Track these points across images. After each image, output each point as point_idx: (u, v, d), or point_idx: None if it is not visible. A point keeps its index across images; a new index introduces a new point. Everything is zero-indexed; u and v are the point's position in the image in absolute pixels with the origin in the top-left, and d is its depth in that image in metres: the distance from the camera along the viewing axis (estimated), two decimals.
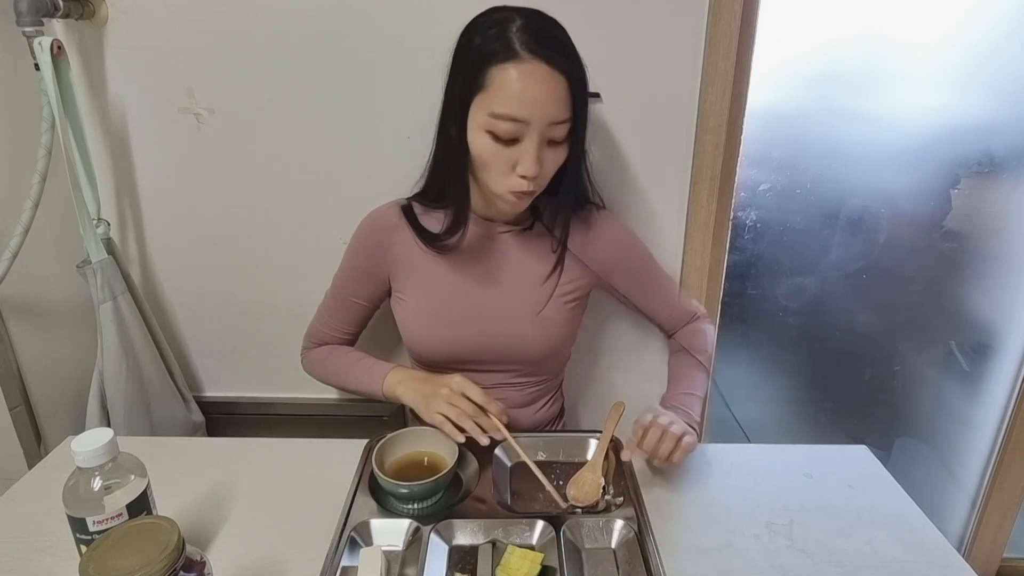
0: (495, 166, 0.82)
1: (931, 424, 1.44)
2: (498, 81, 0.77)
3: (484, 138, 0.81)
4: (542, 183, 0.85)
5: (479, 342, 0.96)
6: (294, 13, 1.04)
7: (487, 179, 0.84)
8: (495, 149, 0.80)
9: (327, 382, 1.06)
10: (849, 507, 0.83)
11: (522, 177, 0.81)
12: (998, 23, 1.13)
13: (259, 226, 1.18)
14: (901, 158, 1.21)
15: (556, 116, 0.79)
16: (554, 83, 0.77)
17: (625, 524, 0.77)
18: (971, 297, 1.32)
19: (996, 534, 1.48)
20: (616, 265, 1.01)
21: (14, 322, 1.06)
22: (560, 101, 0.79)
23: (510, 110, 0.77)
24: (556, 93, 0.78)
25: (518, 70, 0.76)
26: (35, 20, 0.96)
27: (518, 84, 0.76)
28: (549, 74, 0.77)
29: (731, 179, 1.14)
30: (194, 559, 0.59)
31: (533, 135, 0.79)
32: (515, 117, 0.77)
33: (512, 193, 0.84)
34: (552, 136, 0.81)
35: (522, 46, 0.76)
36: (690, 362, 1.04)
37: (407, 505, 0.80)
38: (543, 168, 0.82)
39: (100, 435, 0.65)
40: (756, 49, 1.07)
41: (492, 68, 0.77)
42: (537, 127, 0.78)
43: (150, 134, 1.13)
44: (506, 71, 0.77)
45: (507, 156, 0.81)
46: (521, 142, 0.80)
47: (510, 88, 0.77)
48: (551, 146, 0.82)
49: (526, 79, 0.76)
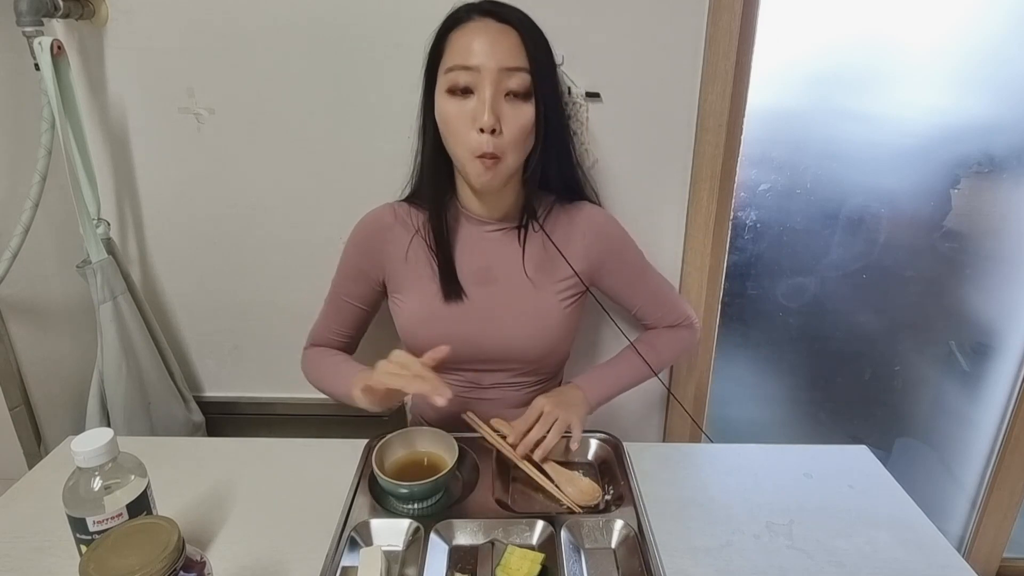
0: (456, 126, 0.83)
1: (931, 424, 1.44)
2: (453, 41, 0.84)
3: (446, 101, 0.84)
4: (507, 146, 0.83)
5: (477, 342, 0.96)
6: (294, 14, 1.04)
7: (453, 145, 0.86)
8: (455, 106, 0.83)
9: (315, 385, 1.01)
10: (849, 507, 0.83)
11: (481, 131, 0.81)
12: (998, 23, 1.13)
13: (259, 226, 1.18)
14: (901, 158, 1.21)
15: (506, 61, 0.81)
16: (503, 32, 0.82)
17: (625, 524, 0.77)
18: (971, 297, 1.32)
19: (996, 534, 1.48)
20: (603, 260, 0.99)
21: (14, 322, 1.06)
22: (509, 48, 0.81)
23: (461, 60, 0.81)
24: (504, 41, 0.82)
25: (468, 27, 0.83)
26: (35, 20, 0.96)
27: (467, 36, 0.82)
28: (497, 27, 0.82)
29: (731, 179, 1.14)
30: (194, 559, 0.59)
31: (486, 82, 0.81)
32: (466, 65, 0.81)
33: (478, 159, 0.83)
34: (510, 86, 0.82)
35: (474, 11, 0.84)
36: (641, 349, 1.04)
37: (407, 505, 0.80)
38: (503, 124, 0.82)
39: (100, 435, 0.65)
40: (756, 49, 1.07)
41: (450, 34, 0.84)
42: (489, 74, 0.80)
43: (150, 134, 1.13)
44: (459, 31, 0.83)
45: (466, 112, 0.82)
46: (476, 93, 0.82)
47: (460, 42, 0.82)
48: (511, 101, 0.83)
49: (475, 31, 0.82)
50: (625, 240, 1.02)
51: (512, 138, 0.83)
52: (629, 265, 1.03)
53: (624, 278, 1.03)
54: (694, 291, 1.21)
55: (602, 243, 0.99)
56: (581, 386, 0.98)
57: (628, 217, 1.09)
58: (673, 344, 1.07)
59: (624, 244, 1.02)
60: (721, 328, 1.28)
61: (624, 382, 1.03)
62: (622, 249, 1.02)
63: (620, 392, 1.02)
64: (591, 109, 1.08)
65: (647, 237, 1.17)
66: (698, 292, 1.21)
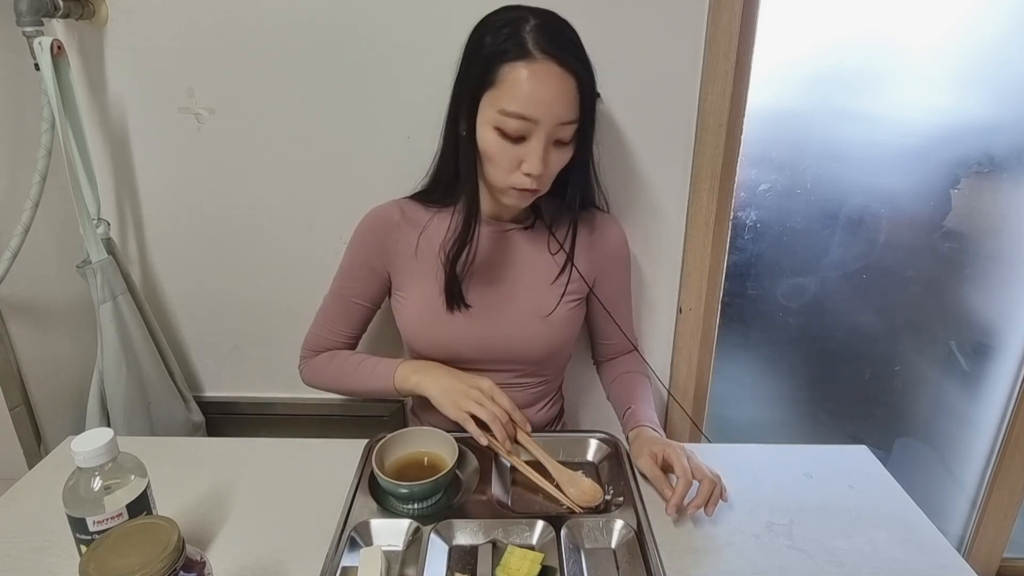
0: (500, 162, 0.82)
1: (931, 424, 1.44)
2: (509, 79, 0.78)
3: (492, 134, 0.81)
4: (546, 183, 0.85)
5: (482, 342, 0.96)
6: (294, 13, 1.04)
7: (491, 173, 0.85)
8: (502, 146, 0.81)
9: (331, 388, 1.03)
10: (849, 507, 0.83)
11: (527, 175, 0.82)
12: (998, 23, 1.13)
13: (259, 226, 1.18)
14: (901, 158, 1.21)
15: (564, 117, 0.80)
16: (564, 84, 0.78)
17: (625, 524, 0.77)
18: (971, 297, 1.32)
19: (996, 534, 1.47)
20: (606, 271, 1.01)
21: (14, 322, 1.06)
22: (569, 102, 0.79)
23: (520, 108, 0.78)
24: (566, 94, 0.79)
25: (530, 69, 0.77)
26: (35, 20, 0.96)
27: (529, 83, 0.77)
28: (560, 75, 0.78)
29: (731, 179, 1.14)
30: (194, 559, 0.59)
31: (541, 134, 0.79)
32: (524, 116, 0.78)
33: (515, 189, 0.84)
34: (559, 136, 0.81)
35: (535, 46, 0.77)
36: (644, 381, 1.05)
37: (407, 505, 0.80)
38: (548, 168, 0.82)
39: (100, 435, 0.65)
40: (756, 49, 1.07)
41: (504, 66, 0.78)
42: (545, 127, 0.79)
43: (150, 134, 1.13)
44: (517, 69, 0.77)
45: (513, 153, 0.81)
46: (528, 140, 0.80)
47: (521, 87, 0.77)
48: (557, 146, 0.83)
49: (537, 78, 0.77)
50: (628, 262, 1.05)
51: (551, 175, 0.85)
52: (620, 284, 1.05)
53: (614, 295, 1.04)
54: (694, 291, 1.21)
55: (610, 258, 1.01)
56: (655, 427, 0.93)
57: (628, 217, 1.09)
58: (645, 367, 1.10)
59: (626, 265, 1.05)
60: (721, 328, 1.28)
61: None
62: (622, 270, 1.04)
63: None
64: None
65: (647, 237, 1.17)
66: (698, 292, 1.21)
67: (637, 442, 0.88)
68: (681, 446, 0.83)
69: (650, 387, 1.04)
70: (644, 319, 1.24)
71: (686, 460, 0.80)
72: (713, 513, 0.79)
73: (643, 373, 1.07)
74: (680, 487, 0.78)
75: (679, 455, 0.81)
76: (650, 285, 1.23)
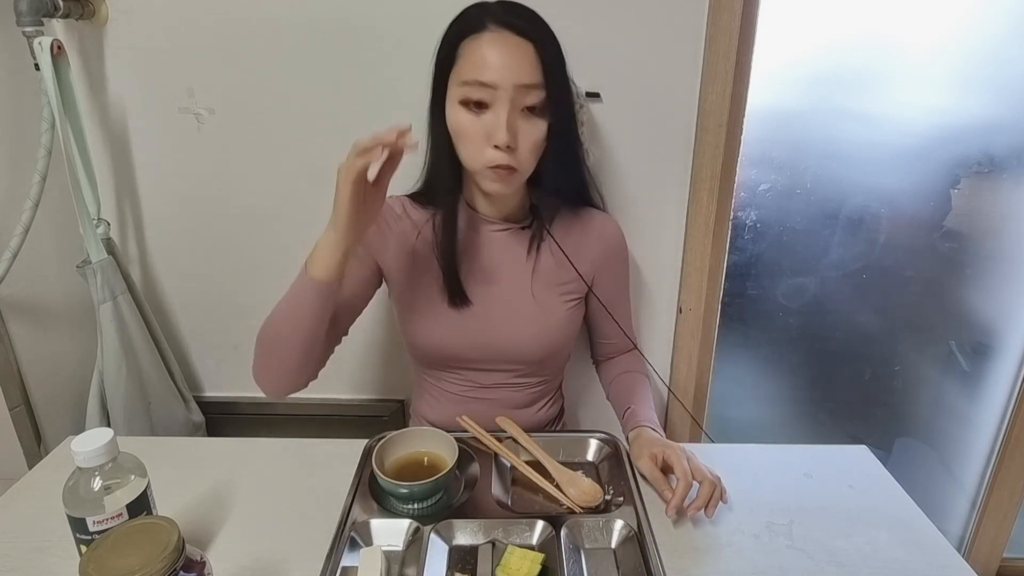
0: (470, 139, 0.83)
1: (931, 424, 1.44)
2: (467, 52, 0.81)
3: (458, 110, 0.83)
4: (523, 160, 0.84)
5: (481, 342, 0.96)
6: (294, 13, 1.04)
7: (465, 156, 0.85)
8: (469, 119, 0.82)
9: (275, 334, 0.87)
10: (849, 507, 0.83)
11: (496, 148, 0.81)
12: (998, 23, 1.13)
13: (259, 226, 1.18)
14: (901, 158, 1.21)
15: (523, 79, 0.80)
16: (521, 48, 0.80)
17: (625, 524, 0.77)
18: (971, 297, 1.32)
19: (996, 534, 1.48)
20: (604, 270, 1.01)
21: (14, 322, 1.06)
22: (527, 65, 0.80)
23: (478, 75, 0.80)
24: (522, 56, 0.80)
25: (485, 38, 0.80)
26: (35, 20, 0.96)
27: (484, 50, 0.80)
28: (515, 40, 0.80)
29: (731, 179, 1.14)
30: (194, 559, 0.59)
31: (503, 100, 0.80)
32: (482, 81, 0.79)
33: (490, 169, 0.83)
34: (525, 103, 0.81)
35: (491, 19, 0.81)
36: (644, 381, 1.04)
37: (407, 505, 0.80)
38: (518, 139, 0.82)
39: (100, 435, 0.65)
40: (756, 49, 1.07)
41: (463, 43, 0.82)
42: (506, 91, 0.79)
43: (150, 134, 1.13)
44: (474, 41, 0.81)
45: (481, 127, 0.82)
46: (492, 108, 0.81)
47: (477, 54, 0.80)
48: (527, 116, 0.82)
49: (491, 44, 0.80)
50: (627, 259, 1.05)
51: (526, 151, 0.84)
52: (618, 283, 1.05)
53: (612, 294, 1.04)
54: (694, 291, 1.21)
55: (609, 256, 1.01)
56: (655, 427, 0.92)
57: (628, 217, 1.09)
58: (645, 366, 1.09)
59: (625, 263, 1.05)
60: (721, 328, 1.28)
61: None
62: (620, 268, 1.04)
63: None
64: (591, 109, 1.08)
65: (647, 237, 1.17)
66: (698, 292, 1.21)
67: (637, 443, 0.88)
68: (681, 447, 0.83)
69: (650, 386, 1.03)
70: (644, 319, 1.24)
71: (686, 462, 0.80)
72: (713, 515, 0.79)
73: (643, 372, 1.07)
74: (680, 489, 0.78)
75: (679, 457, 0.81)
76: (650, 285, 1.23)
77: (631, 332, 1.09)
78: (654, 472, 0.82)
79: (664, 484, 0.81)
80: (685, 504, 0.78)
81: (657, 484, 0.82)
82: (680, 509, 0.77)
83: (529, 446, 0.89)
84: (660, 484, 0.81)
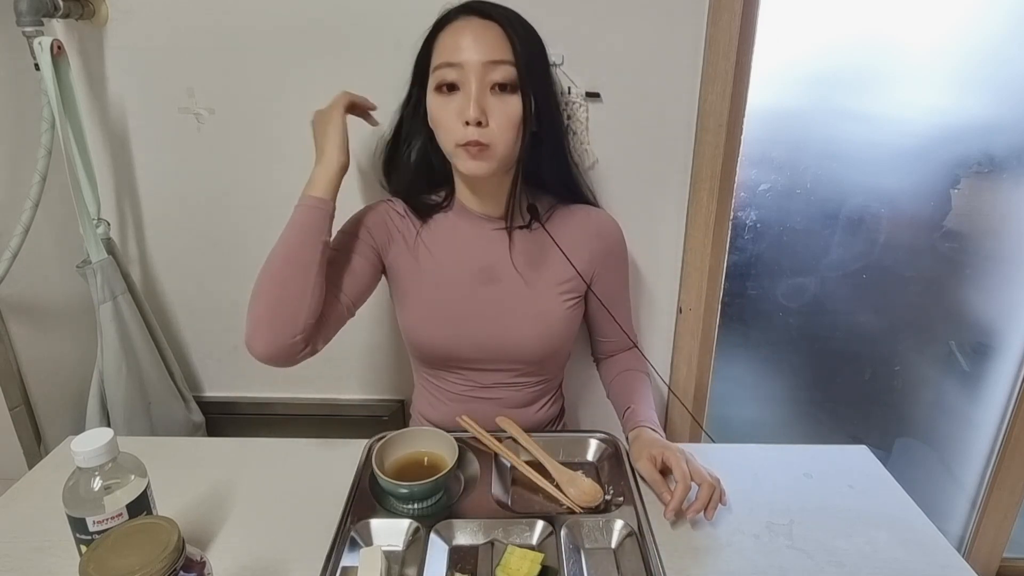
0: (444, 120, 0.85)
1: (931, 424, 1.44)
2: (439, 42, 0.85)
3: (434, 99, 0.85)
4: (494, 136, 0.83)
5: (479, 341, 0.96)
6: (294, 13, 1.04)
7: (443, 141, 0.87)
8: (442, 101, 0.84)
9: (270, 284, 0.85)
10: (849, 507, 0.83)
11: (467, 124, 0.82)
12: (998, 23, 1.13)
13: (259, 226, 1.18)
14: (901, 158, 1.21)
15: (490, 55, 0.81)
16: (486, 28, 0.83)
17: (625, 524, 0.77)
18: (971, 297, 1.32)
19: (996, 534, 1.48)
20: (603, 268, 1.01)
21: (14, 322, 1.06)
22: (493, 42, 0.82)
23: (446, 57, 0.83)
24: (488, 35, 0.82)
25: (454, 26, 0.84)
26: (35, 20, 0.96)
27: (452, 34, 0.84)
28: (480, 23, 0.83)
29: (731, 179, 1.14)
30: (194, 559, 0.59)
31: (471, 77, 0.82)
32: (450, 61, 0.82)
33: (462, 148, 0.84)
34: (494, 79, 0.82)
35: (459, 10, 0.85)
36: (644, 379, 1.04)
37: (407, 505, 0.80)
38: (490, 114, 0.82)
39: (100, 435, 0.65)
40: (756, 49, 1.07)
41: (436, 37, 0.86)
42: (473, 68, 0.81)
43: (150, 134, 1.13)
44: (444, 32, 0.85)
45: (453, 107, 0.83)
46: (462, 88, 0.83)
47: (447, 41, 0.84)
48: (497, 94, 0.83)
49: (458, 29, 0.83)
50: (626, 257, 1.05)
51: (499, 128, 0.83)
52: (618, 281, 1.05)
53: (610, 293, 1.04)
54: (694, 291, 1.21)
55: (608, 253, 1.01)
56: (655, 427, 0.92)
57: (628, 217, 1.09)
58: (645, 364, 1.09)
59: (624, 260, 1.04)
60: (721, 328, 1.28)
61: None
62: (619, 266, 1.04)
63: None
64: (591, 109, 1.08)
65: (647, 237, 1.17)
66: (698, 292, 1.21)
67: (637, 443, 0.88)
68: (680, 449, 0.83)
69: (650, 385, 1.03)
70: (644, 319, 1.24)
71: (685, 464, 0.80)
72: (713, 517, 0.78)
73: (643, 371, 1.06)
74: (679, 491, 0.77)
75: (678, 458, 0.80)
76: (650, 285, 1.23)
77: (631, 330, 1.09)
78: (653, 474, 0.82)
79: (663, 486, 0.81)
80: (684, 506, 0.77)
81: (656, 486, 0.81)
82: (678, 511, 0.77)
83: (529, 446, 0.89)
84: (659, 486, 0.81)
